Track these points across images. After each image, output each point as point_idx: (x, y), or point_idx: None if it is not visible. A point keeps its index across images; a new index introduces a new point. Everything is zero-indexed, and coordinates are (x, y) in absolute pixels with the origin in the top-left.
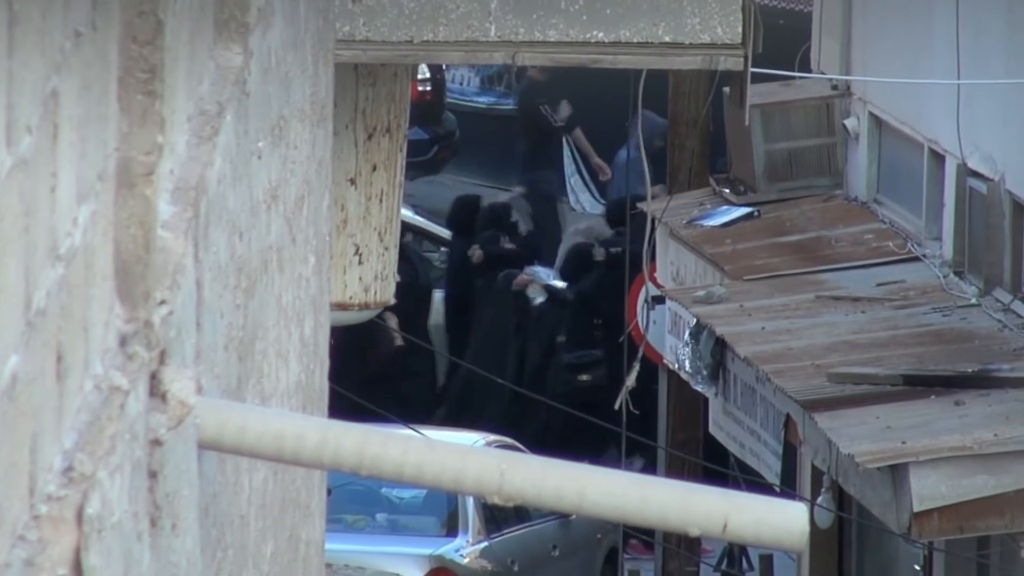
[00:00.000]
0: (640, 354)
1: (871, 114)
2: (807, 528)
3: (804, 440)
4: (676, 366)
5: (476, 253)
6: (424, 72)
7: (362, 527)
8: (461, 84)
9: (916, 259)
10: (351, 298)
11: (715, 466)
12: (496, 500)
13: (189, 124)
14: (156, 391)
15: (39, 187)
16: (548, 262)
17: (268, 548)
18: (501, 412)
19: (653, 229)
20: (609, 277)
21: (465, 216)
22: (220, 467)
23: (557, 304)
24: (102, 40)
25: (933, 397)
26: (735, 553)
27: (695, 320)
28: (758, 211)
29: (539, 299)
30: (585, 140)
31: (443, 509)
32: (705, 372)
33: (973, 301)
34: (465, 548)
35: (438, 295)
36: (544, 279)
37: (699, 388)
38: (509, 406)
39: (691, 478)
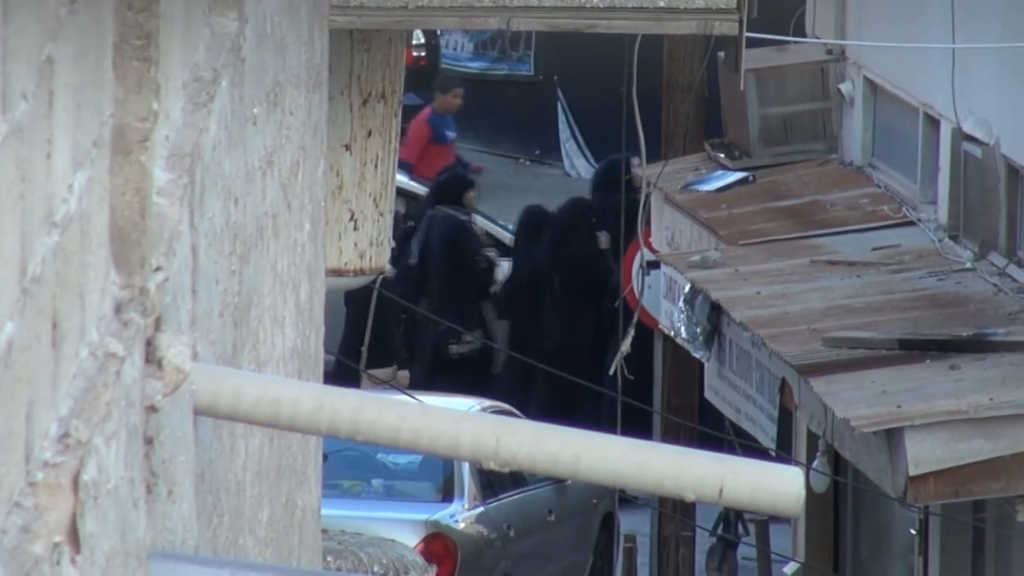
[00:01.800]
0: (635, 319)
1: (866, 78)
2: (803, 493)
3: (799, 405)
4: (671, 331)
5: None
6: (419, 38)
7: (358, 493)
8: (455, 50)
9: (911, 223)
10: (346, 264)
11: (711, 431)
12: (492, 465)
13: (184, 91)
14: (152, 358)
15: (35, 154)
16: None
17: (264, 514)
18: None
19: (648, 194)
20: (562, 242)
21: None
22: (216, 433)
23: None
24: (97, 6)
25: (928, 361)
26: (731, 518)
27: (690, 285)
28: (753, 176)
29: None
30: None
31: (439, 475)
32: (701, 337)
33: (968, 265)
34: (461, 513)
35: None
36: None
37: (695, 353)
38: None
39: (687, 443)
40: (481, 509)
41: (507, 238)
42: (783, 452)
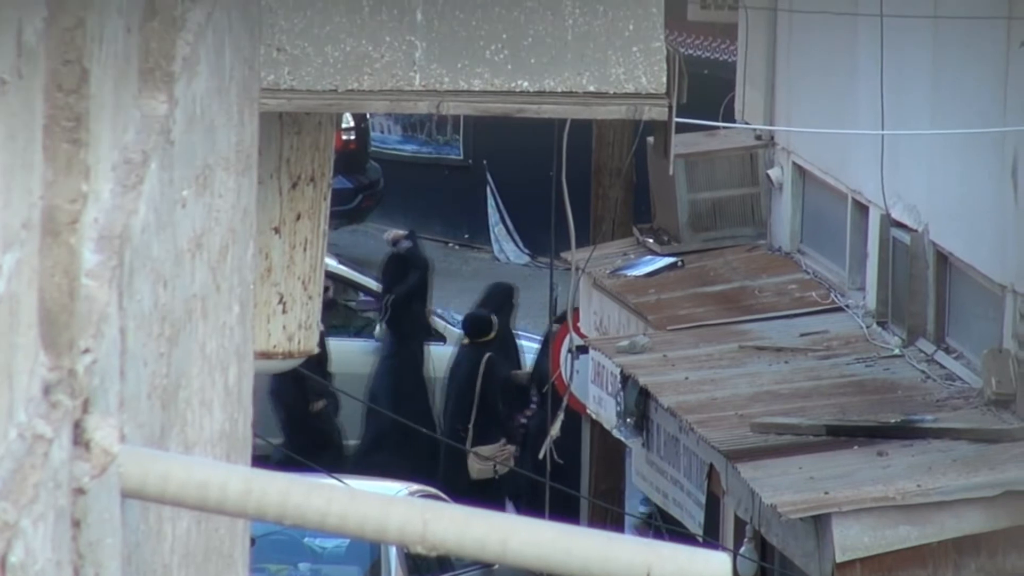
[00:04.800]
0: (564, 404)
1: (795, 164)
2: None
3: (727, 490)
4: (599, 416)
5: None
6: (348, 121)
7: None
8: (383, 132)
9: (839, 309)
10: (275, 347)
11: (637, 516)
12: (419, 549)
13: (114, 172)
14: (80, 439)
15: None
16: None
17: None
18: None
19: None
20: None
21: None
22: (143, 516)
23: None
24: (27, 88)
25: (856, 447)
26: None
27: (619, 370)
28: (682, 261)
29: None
30: None
31: (366, 559)
32: (628, 422)
33: (896, 352)
34: None
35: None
36: None
37: (622, 438)
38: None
39: (614, 528)
40: None
41: (440, 325)
42: (710, 538)
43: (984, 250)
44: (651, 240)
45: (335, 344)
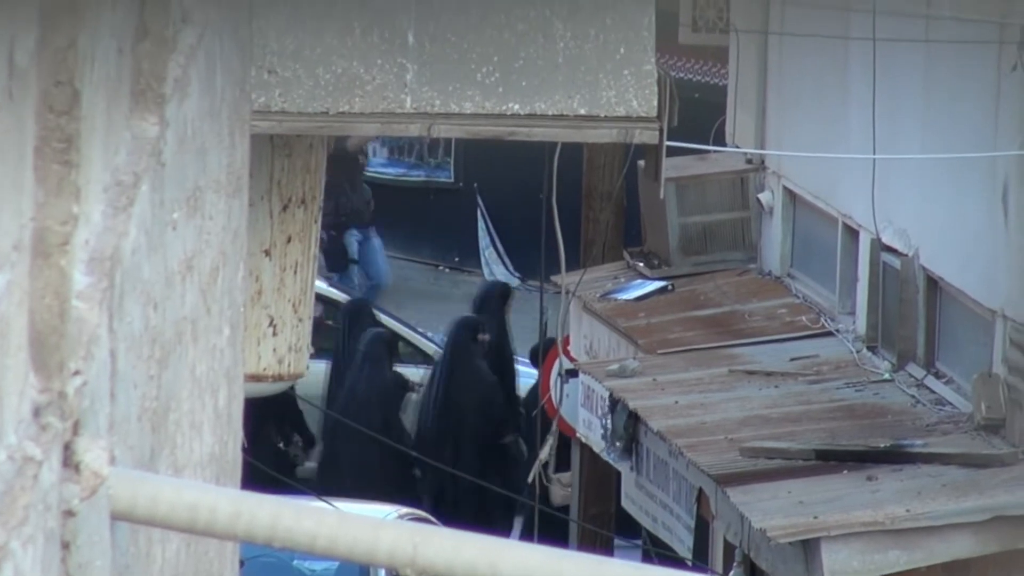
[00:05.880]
0: (554, 427)
1: (785, 188)
2: None
3: (716, 514)
4: (589, 440)
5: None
6: None
7: None
8: (371, 155)
9: (829, 334)
10: (265, 369)
11: (627, 540)
12: (409, 573)
13: (105, 194)
14: (69, 462)
15: None
16: None
17: None
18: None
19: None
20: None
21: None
22: (133, 538)
23: None
24: (19, 109)
25: (845, 472)
26: None
27: (608, 394)
28: (672, 285)
29: None
30: None
31: None
32: (618, 446)
33: (886, 376)
34: None
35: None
36: None
37: (612, 462)
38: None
39: (604, 552)
40: None
41: (431, 348)
42: (700, 562)
43: (974, 275)
44: (641, 264)
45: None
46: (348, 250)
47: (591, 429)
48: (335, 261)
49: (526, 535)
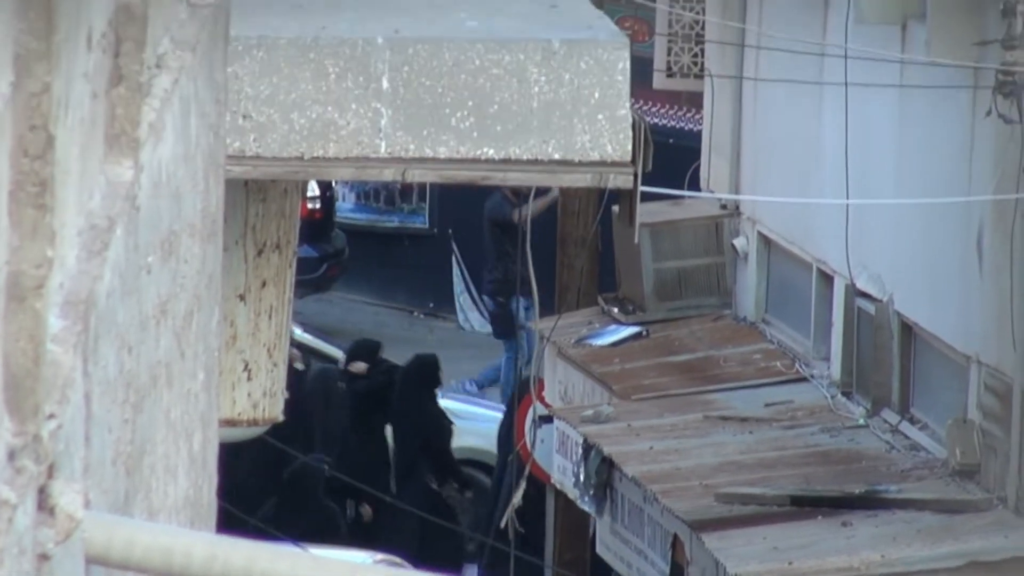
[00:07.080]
0: (527, 472)
1: (760, 234)
2: None
3: (691, 560)
4: (563, 486)
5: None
6: (314, 190)
7: None
8: (340, 200)
9: (804, 379)
10: (240, 414)
11: None
12: None
13: (79, 238)
14: (44, 505)
15: None
16: None
17: None
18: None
19: (542, 348)
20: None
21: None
22: None
23: None
24: None
25: (820, 518)
26: None
27: (583, 439)
28: (647, 330)
29: None
30: None
31: None
32: (592, 492)
33: (861, 422)
34: None
35: None
36: None
37: (586, 508)
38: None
39: None
40: None
41: None
42: None
43: (949, 320)
44: (616, 309)
45: None
46: (515, 317)
47: (566, 475)
48: (503, 328)
49: None
